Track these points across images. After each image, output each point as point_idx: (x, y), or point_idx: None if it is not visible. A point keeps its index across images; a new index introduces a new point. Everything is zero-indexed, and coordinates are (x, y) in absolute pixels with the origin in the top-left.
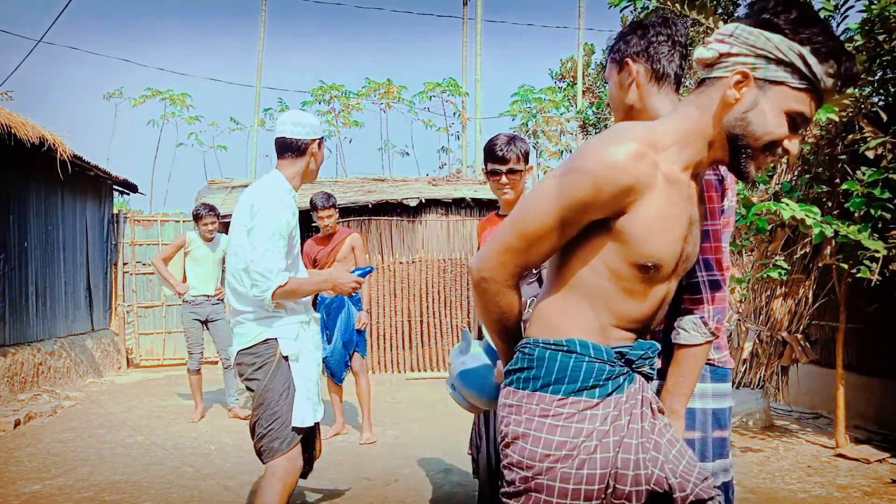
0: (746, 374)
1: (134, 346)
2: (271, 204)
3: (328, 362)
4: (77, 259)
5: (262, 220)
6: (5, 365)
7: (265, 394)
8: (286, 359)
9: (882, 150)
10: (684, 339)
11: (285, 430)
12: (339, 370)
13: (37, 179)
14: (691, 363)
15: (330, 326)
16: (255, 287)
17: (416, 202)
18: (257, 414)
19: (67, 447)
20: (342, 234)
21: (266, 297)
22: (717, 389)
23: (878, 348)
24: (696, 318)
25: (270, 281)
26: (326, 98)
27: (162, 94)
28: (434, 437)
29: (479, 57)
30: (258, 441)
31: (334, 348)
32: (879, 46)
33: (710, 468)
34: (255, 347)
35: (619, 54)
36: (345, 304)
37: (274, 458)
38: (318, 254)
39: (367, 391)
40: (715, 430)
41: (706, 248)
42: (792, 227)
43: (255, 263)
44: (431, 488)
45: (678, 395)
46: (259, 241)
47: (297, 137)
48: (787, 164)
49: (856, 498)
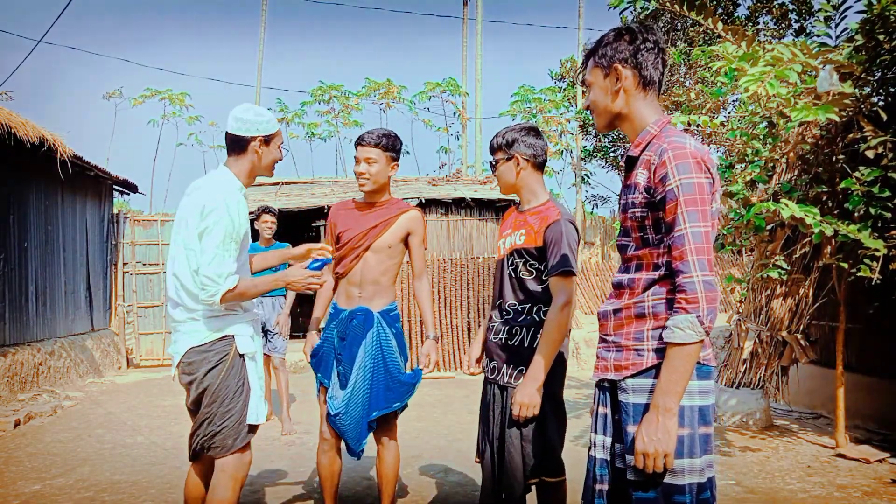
0: (746, 374)
1: (134, 346)
2: (223, 206)
3: (341, 422)
4: (77, 259)
5: (213, 224)
6: (5, 365)
7: (218, 392)
8: (242, 357)
9: (882, 149)
10: (680, 338)
11: (239, 428)
12: (356, 434)
13: (37, 179)
14: (686, 362)
15: (344, 359)
16: (203, 291)
17: (415, 202)
18: (208, 412)
19: (67, 447)
20: (394, 208)
21: (215, 301)
22: (703, 387)
23: (878, 348)
24: (693, 317)
25: (219, 285)
26: (326, 98)
27: (162, 94)
28: (434, 437)
29: (479, 57)
30: (209, 438)
31: (352, 397)
32: (880, 46)
33: (699, 464)
34: (211, 344)
35: (607, 59)
36: (372, 321)
37: (226, 455)
38: (346, 230)
39: (395, 466)
40: (701, 426)
41: (702, 248)
42: (792, 226)
43: (204, 267)
44: (431, 488)
45: (672, 394)
46: (210, 244)
47: (239, 134)
48: (787, 164)
49: (856, 498)
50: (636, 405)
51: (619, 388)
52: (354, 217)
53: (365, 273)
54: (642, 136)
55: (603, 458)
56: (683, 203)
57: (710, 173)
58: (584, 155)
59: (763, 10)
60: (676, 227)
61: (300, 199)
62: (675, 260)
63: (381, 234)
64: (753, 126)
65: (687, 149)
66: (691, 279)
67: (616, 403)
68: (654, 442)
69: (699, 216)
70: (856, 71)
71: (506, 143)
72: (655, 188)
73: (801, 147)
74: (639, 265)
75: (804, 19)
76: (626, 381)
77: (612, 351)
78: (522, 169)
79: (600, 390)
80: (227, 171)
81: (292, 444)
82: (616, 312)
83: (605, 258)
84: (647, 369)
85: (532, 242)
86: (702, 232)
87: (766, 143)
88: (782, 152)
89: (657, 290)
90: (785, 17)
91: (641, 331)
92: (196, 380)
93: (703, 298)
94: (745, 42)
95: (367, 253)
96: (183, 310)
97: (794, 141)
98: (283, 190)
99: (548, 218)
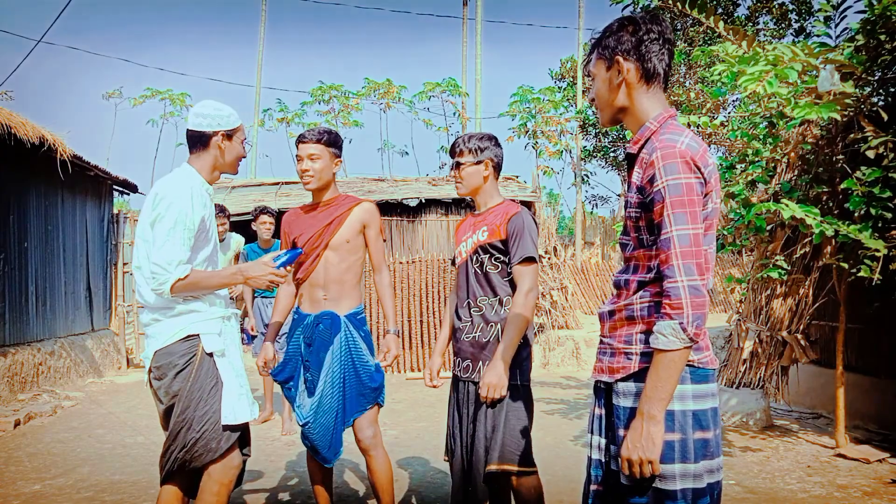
0: (746, 374)
1: (134, 346)
2: (175, 194)
3: (309, 431)
4: (77, 259)
5: (163, 210)
6: (5, 365)
7: (192, 395)
8: (210, 356)
9: (883, 149)
10: (663, 344)
11: (219, 429)
12: (328, 444)
13: (37, 179)
14: (670, 368)
15: (312, 365)
16: (153, 279)
17: (415, 202)
18: (184, 418)
19: (67, 447)
20: (345, 203)
21: (164, 290)
22: (698, 391)
23: (878, 348)
24: (675, 323)
25: (169, 273)
26: (326, 98)
27: (162, 93)
28: (434, 437)
29: (479, 57)
30: (189, 448)
31: (320, 405)
32: (881, 46)
33: (693, 469)
34: (175, 345)
35: (609, 51)
36: (339, 325)
37: (214, 462)
38: (300, 234)
39: (387, 474)
40: (696, 431)
41: (688, 252)
42: (792, 227)
43: (153, 255)
44: (431, 488)
45: (656, 401)
46: (160, 231)
47: (200, 130)
48: (787, 164)
49: (856, 498)
50: (625, 409)
51: (613, 390)
52: (306, 220)
53: (328, 272)
54: (641, 133)
55: (598, 459)
56: (670, 205)
57: (701, 173)
58: (583, 155)
59: (763, 10)
60: (663, 229)
61: (300, 199)
62: (662, 264)
63: (337, 230)
64: (754, 126)
65: (676, 148)
66: (675, 284)
67: (611, 405)
68: (637, 449)
69: (687, 218)
70: (856, 71)
71: (477, 149)
72: (645, 188)
73: (802, 147)
74: (635, 266)
75: (804, 19)
76: (618, 384)
77: (607, 353)
78: (489, 174)
79: (597, 391)
80: (189, 167)
81: (292, 444)
82: (611, 314)
83: (605, 258)
84: (635, 373)
85: (496, 236)
86: (689, 235)
87: (767, 144)
88: (783, 152)
89: (644, 293)
90: (785, 17)
91: (631, 334)
92: (165, 384)
93: (688, 304)
94: (745, 42)
95: (327, 252)
96: (148, 311)
97: (794, 141)
98: (283, 190)
99: (508, 212)
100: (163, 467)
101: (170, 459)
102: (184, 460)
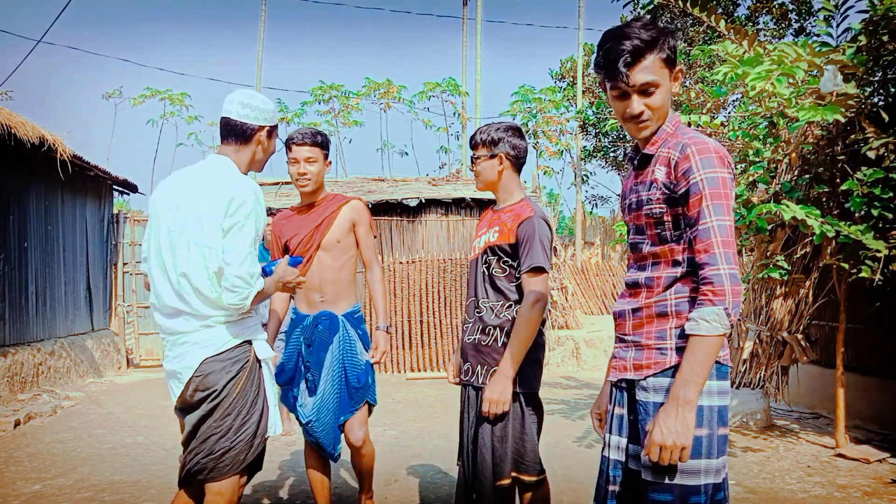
0: (746, 374)
1: (134, 346)
2: (254, 200)
3: (313, 429)
4: (77, 259)
5: (242, 219)
6: (5, 365)
7: (237, 402)
8: (259, 363)
9: (884, 150)
10: (706, 329)
11: (254, 442)
12: (331, 440)
13: (37, 179)
14: (710, 353)
15: (312, 366)
16: (233, 294)
17: (415, 202)
18: (221, 425)
19: (67, 447)
20: (333, 203)
21: (247, 304)
22: (722, 387)
23: (878, 348)
24: (720, 309)
25: (252, 287)
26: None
27: (161, 94)
28: (434, 438)
29: (479, 57)
30: (217, 457)
31: (322, 403)
32: (883, 47)
33: (715, 465)
34: (230, 352)
35: (672, 51)
36: (338, 325)
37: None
38: (293, 236)
39: (370, 461)
40: (719, 427)
41: (728, 241)
42: (792, 227)
43: (236, 268)
44: (431, 488)
45: (693, 385)
46: (241, 242)
47: (245, 121)
48: (788, 165)
49: (856, 498)
50: (656, 404)
51: (639, 386)
52: (297, 222)
53: (322, 273)
54: (659, 135)
55: (617, 459)
56: (709, 196)
57: (732, 169)
58: (583, 155)
59: (763, 10)
60: (701, 220)
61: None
62: (700, 253)
63: (327, 230)
64: (754, 126)
65: (710, 144)
66: (718, 272)
67: (633, 404)
68: (672, 434)
69: (724, 209)
70: (858, 71)
71: (491, 141)
72: (677, 182)
73: (803, 147)
74: (655, 263)
75: (804, 19)
76: (647, 379)
77: (630, 350)
78: (504, 168)
79: (618, 390)
80: (230, 163)
81: (292, 444)
82: (635, 312)
83: (605, 258)
84: (669, 368)
85: (505, 239)
86: (727, 225)
87: (767, 144)
88: (784, 153)
89: (680, 288)
90: (785, 16)
91: (664, 329)
92: (214, 393)
93: (730, 291)
94: (745, 41)
95: (319, 252)
96: (191, 318)
97: (795, 141)
98: (283, 190)
99: (520, 215)
100: (183, 467)
101: (193, 461)
102: (204, 467)
